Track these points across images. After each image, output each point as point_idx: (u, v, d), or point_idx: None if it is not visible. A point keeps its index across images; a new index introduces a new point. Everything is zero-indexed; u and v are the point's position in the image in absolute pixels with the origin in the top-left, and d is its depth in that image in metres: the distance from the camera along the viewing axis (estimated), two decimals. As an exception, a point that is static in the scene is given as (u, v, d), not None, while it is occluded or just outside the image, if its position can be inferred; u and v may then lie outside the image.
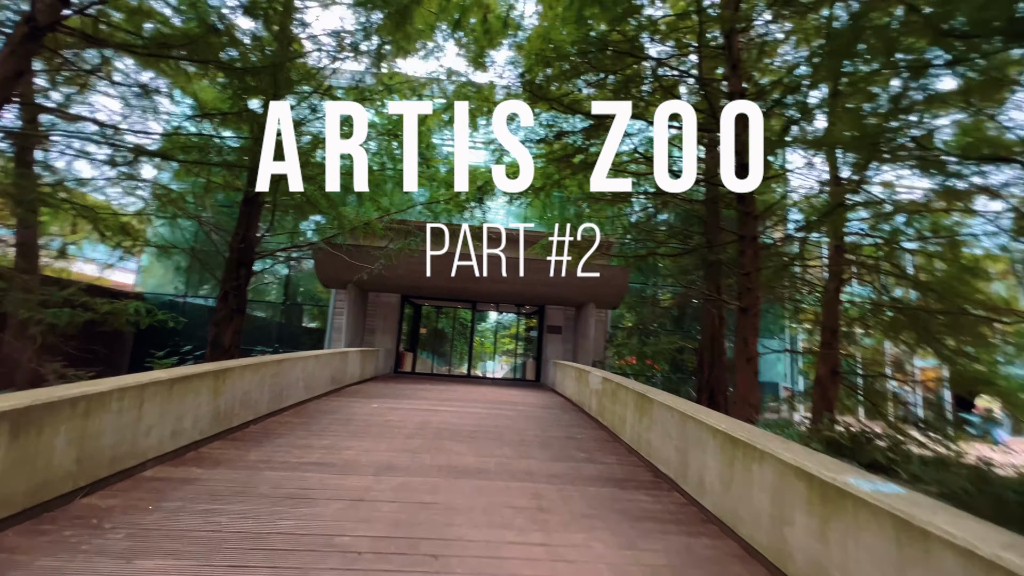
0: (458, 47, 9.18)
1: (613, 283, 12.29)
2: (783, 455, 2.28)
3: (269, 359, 5.13)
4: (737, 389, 6.97)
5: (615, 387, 5.57)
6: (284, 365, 5.51)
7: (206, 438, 3.85)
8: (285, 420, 5.08)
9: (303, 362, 6.17)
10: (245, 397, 4.53)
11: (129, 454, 2.98)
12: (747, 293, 6.95)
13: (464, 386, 10.70)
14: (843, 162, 10.10)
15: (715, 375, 9.93)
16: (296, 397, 5.95)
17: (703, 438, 3.14)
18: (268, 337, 14.27)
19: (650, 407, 4.24)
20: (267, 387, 5.04)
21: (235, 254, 9.10)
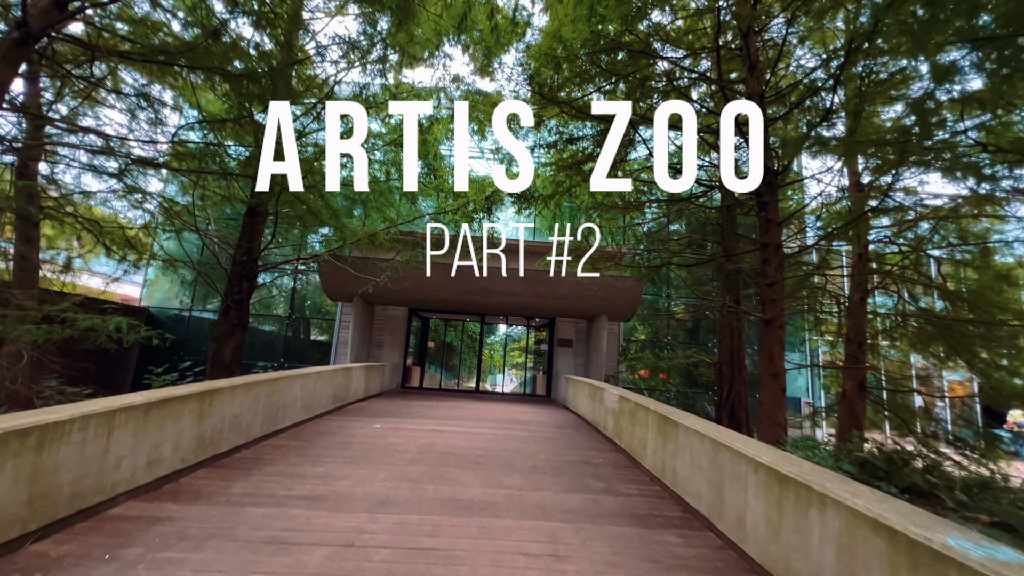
0: (464, 51, 8.95)
1: (626, 294, 11.90)
2: (851, 501, 1.89)
3: (263, 378, 4.82)
4: (763, 407, 6.51)
5: (633, 407, 5.16)
6: (280, 384, 5.19)
7: (189, 467, 3.53)
8: (280, 444, 4.74)
9: (302, 380, 5.86)
10: (235, 420, 4.21)
11: (94, 489, 2.66)
12: (771, 304, 6.53)
13: (472, 402, 10.31)
14: (864, 166, 9.71)
15: (736, 391, 9.44)
16: (294, 417, 5.63)
17: (742, 471, 2.74)
18: (273, 352, 14.03)
19: (674, 431, 3.84)
20: (261, 408, 4.72)
21: (237, 267, 8.88)
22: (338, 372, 7.44)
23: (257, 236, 9.08)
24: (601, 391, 6.90)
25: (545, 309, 12.73)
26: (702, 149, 10.42)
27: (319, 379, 6.50)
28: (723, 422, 9.46)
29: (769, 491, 2.45)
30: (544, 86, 5.87)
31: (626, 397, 5.56)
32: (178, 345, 13.71)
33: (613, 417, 6.05)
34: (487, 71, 10.30)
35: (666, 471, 3.98)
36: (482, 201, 10.63)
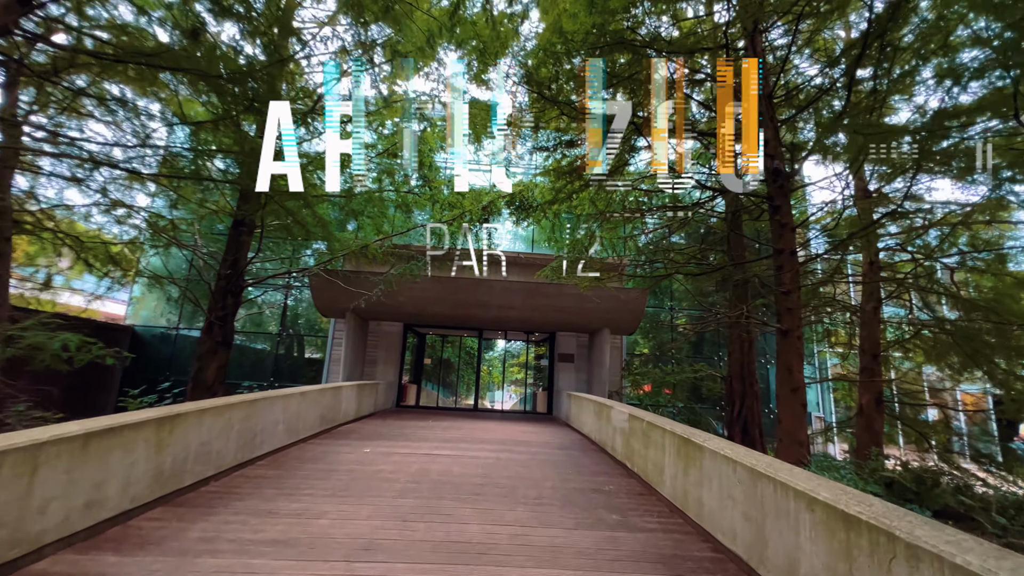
0: (458, 47, 8.66)
1: (630, 306, 11.49)
2: (960, 559, 1.45)
3: (239, 400, 4.36)
4: (782, 424, 6.05)
5: (646, 427, 4.71)
6: (259, 406, 4.72)
7: (142, 506, 3.05)
8: (255, 474, 4.26)
9: (284, 401, 5.39)
10: (203, 448, 3.73)
11: (10, 541, 2.19)
12: (787, 314, 6.13)
13: (470, 422, 9.80)
14: (873, 173, 9.43)
15: (748, 406, 8.97)
16: (275, 443, 5.14)
17: (790, 508, 2.29)
18: (263, 371, 13.51)
19: (698, 456, 3.39)
20: (235, 433, 4.24)
21: (222, 282, 8.47)
22: (326, 392, 6.96)
23: (243, 249, 8.68)
24: (608, 409, 6.44)
25: (545, 323, 12.30)
26: (704, 159, 10.16)
27: (304, 400, 6.02)
28: (735, 440, 8.97)
29: (831, 535, 2.01)
30: (543, 85, 5.55)
31: (637, 416, 5.11)
32: (164, 364, 13.19)
33: (622, 438, 5.58)
34: (482, 79, 10.04)
35: (689, 501, 3.51)
36: (479, 211, 10.27)
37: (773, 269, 6.73)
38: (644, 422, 4.77)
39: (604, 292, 11.07)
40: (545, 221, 11.71)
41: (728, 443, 3.29)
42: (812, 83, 7.15)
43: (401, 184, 10.46)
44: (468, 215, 10.01)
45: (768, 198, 6.39)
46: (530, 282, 11.27)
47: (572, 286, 11.29)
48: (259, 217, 7.82)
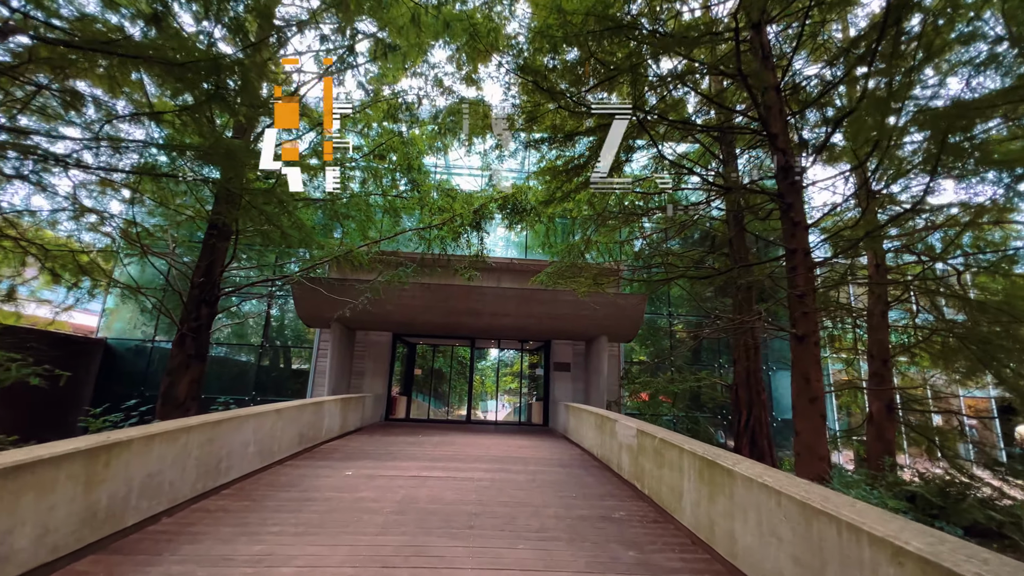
0: (446, 32, 8.24)
1: (628, 312, 11.07)
2: None
3: (199, 421, 3.82)
4: (801, 437, 5.63)
5: (659, 444, 4.24)
6: (224, 428, 4.19)
7: (65, 557, 2.52)
8: (217, 506, 3.72)
9: (256, 420, 4.85)
10: (151, 481, 3.20)
11: None
12: (803, 318, 5.73)
13: (463, 436, 9.27)
14: (877, 172, 9.16)
15: (755, 416, 8.55)
16: (244, 468, 4.60)
17: (865, 558, 1.84)
18: (244, 385, 12.85)
19: (727, 482, 2.93)
20: (193, 460, 3.71)
21: (195, 290, 7.92)
22: (306, 408, 6.41)
23: (218, 256, 8.15)
24: (612, 423, 5.97)
25: (540, 330, 11.84)
26: (705, 159, 9.84)
27: (280, 418, 5.48)
28: (743, 451, 8.53)
29: (932, 599, 1.55)
30: (539, 74, 5.14)
31: (647, 431, 4.64)
32: (139, 379, 12.50)
33: (630, 455, 5.11)
34: (472, 78, 9.66)
35: (717, 534, 3.04)
36: (470, 215, 9.83)
37: (783, 271, 6.36)
38: (656, 439, 4.30)
39: (601, 298, 10.64)
40: (539, 225, 11.31)
41: (765, 468, 2.83)
42: (821, 76, 6.84)
43: (389, 188, 10.01)
44: (459, 218, 9.56)
45: (779, 195, 6.01)
46: (524, 288, 10.82)
47: (568, 292, 10.86)
48: (233, 220, 7.30)
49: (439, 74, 9.23)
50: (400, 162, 9.64)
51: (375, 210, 10.15)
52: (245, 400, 12.52)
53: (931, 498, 6.29)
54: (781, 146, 5.75)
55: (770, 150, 6.19)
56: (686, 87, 6.33)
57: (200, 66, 4.58)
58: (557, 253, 9.79)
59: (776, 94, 6.07)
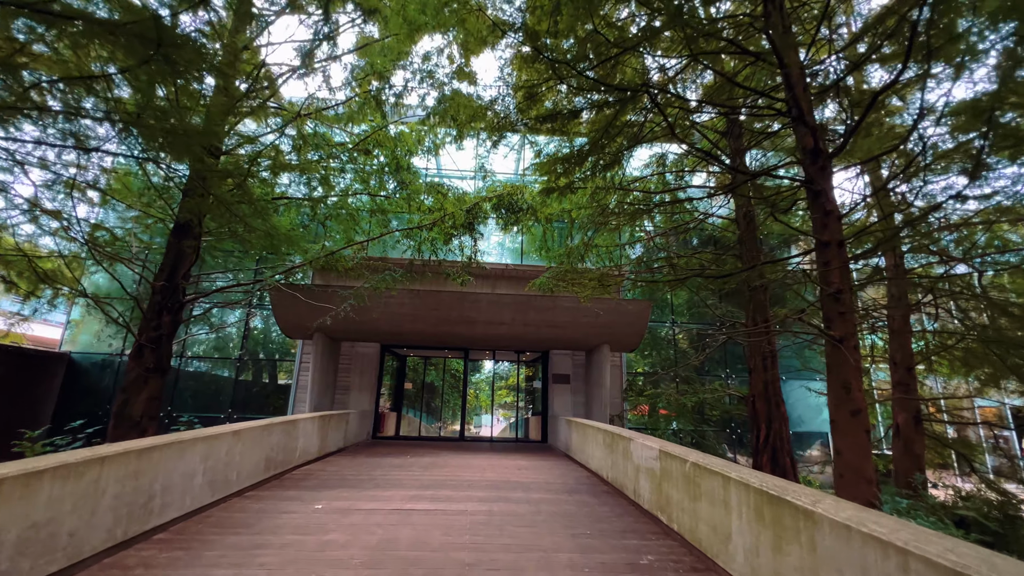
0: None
1: (630, 320, 10.37)
2: None
3: (119, 449, 3.03)
4: (843, 457, 4.89)
5: (692, 471, 3.50)
6: (158, 456, 3.39)
7: None
8: (138, 559, 2.91)
9: (207, 445, 4.04)
10: (36, 533, 2.41)
11: None
12: (839, 319, 5.04)
13: (456, 455, 8.44)
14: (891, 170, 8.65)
15: (775, 430, 7.81)
16: (187, 503, 3.78)
17: None
18: (220, 402, 11.93)
19: (807, 528, 2.20)
20: (108, 500, 2.91)
21: (157, 296, 7.12)
22: (273, 428, 5.59)
23: (184, 259, 7.35)
24: (624, 441, 5.21)
25: (538, 340, 11.09)
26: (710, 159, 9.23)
27: (239, 441, 4.67)
28: (764, 469, 7.78)
29: None
30: (540, 38, 4.47)
31: (672, 453, 3.90)
32: (105, 396, 11.55)
33: (651, 481, 4.35)
34: (465, 73, 9.02)
35: (788, 595, 2.29)
36: (462, 215, 9.13)
37: (795, 273, 5.72)
38: (688, 463, 3.55)
39: (603, 304, 9.95)
40: (536, 229, 10.64)
41: (859, 509, 2.10)
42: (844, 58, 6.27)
43: (376, 189, 9.31)
44: (450, 219, 8.85)
45: (806, 182, 5.37)
46: (521, 294, 10.11)
47: (568, 298, 10.15)
48: (194, 215, 6.54)
49: (430, 66, 8.60)
50: (388, 161, 8.97)
51: (361, 212, 9.44)
52: (220, 419, 11.59)
53: (986, 522, 5.59)
54: (811, 124, 5.12)
55: (795, 132, 5.56)
56: (702, 65, 5.71)
57: (140, 26, 3.86)
58: (555, 258, 9.10)
59: (799, 71, 5.47)
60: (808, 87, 5.53)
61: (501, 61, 5.54)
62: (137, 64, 3.74)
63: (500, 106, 5.88)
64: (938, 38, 5.18)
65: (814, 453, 12.88)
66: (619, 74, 6.01)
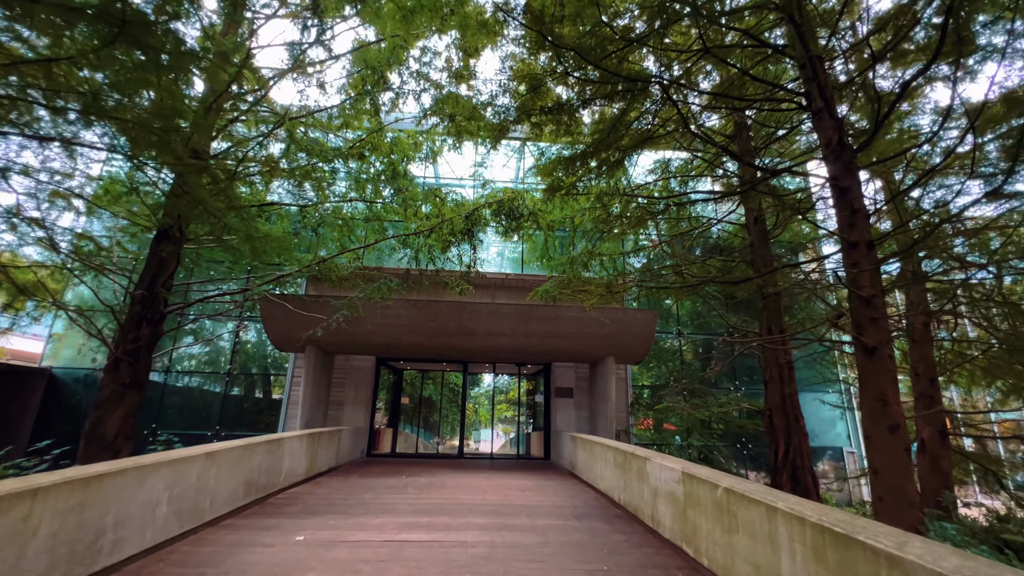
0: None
1: (636, 330, 9.95)
2: None
3: (57, 479, 2.58)
4: (881, 476, 4.45)
5: (726, 498, 3.05)
6: (110, 484, 2.94)
7: None
8: (76, 611, 2.45)
9: (172, 469, 3.58)
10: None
11: None
12: (872, 325, 4.64)
13: (455, 475, 7.93)
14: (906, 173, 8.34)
15: (795, 446, 7.34)
16: (147, 538, 3.31)
17: None
18: (208, 419, 11.41)
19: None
20: (42, 540, 2.46)
21: (136, 306, 6.70)
22: (255, 448, 5.11)
23: (166, 266, 6.95)
24: (641, 461, 4.75)
25: (540, 351, 10.64)
26: (717, 163, 8.93)
27: (214, 463, 4.20)
28: (784, 488, 7.29)
29: None
30: (545, 21, 4.14)
31: (699, 476, 3.45)
32: (87, 413, 11.01)
33: (672, 507, 3.89)
34: (463, 76, 8.72)
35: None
36: (461, 221, 8.76)
37: (845, 269, 5.32)
38: (720, 489, 3.11)
39: (607, 314, 9.54)
40: (537, 236, 10.27)
41: (965, 557, 1.66)
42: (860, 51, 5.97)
43: (373, 196, 8.96)
44: (448, 224, 8.48)
45: (832, 179, 5.01)
46: (522, 304, 9.70)
47: (570, 307, 9.74)
48: (175, 220, 6.15)
49: (426, 65, 8.31)
50: (385, 168, 8.65)
51: (355, 220, 9.08)
52: (207, 436, 11.06)
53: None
54: (837, 117, 4.78)
55: (816, 127, 5.21)
56: (715, 58, 5.38)
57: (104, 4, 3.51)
58: (557, 267, 8.71)
59: (819, 63, 5.15)
60: (827, 81, 5.21)
61: (502, 53, 5.20)
62: (101, 46, 3.38)
63: (500, 102, 5.53)
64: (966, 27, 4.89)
65: (828, 468, 12.36)
66: (624, 72, 5.70)
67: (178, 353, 12.01)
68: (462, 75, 8.47)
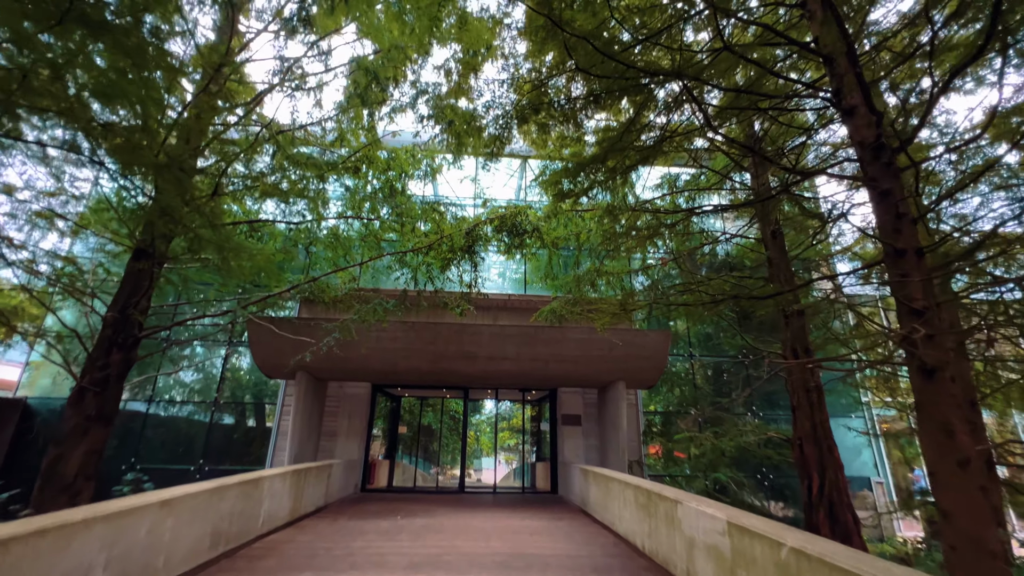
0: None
1: (648, 353, 9.35)
2: None
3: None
4: (953, 521, 3.78)
5: (792, 560, 2.43)
6: (19, 552, 2.32)
7: None
8: None
9: (110, 526, 2.96)
10: None
11: None
12: (930, 344, 4.07)
13: (456, 514, 7.21)
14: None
15: (831, 480, 6.64)
16: (75, 615, 2.68)
17: None
18: (191, 452, 10.69)
19: None
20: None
21: (107, 329, 6.15)
22: (227, 491, 4.47)
23: (144, 288, 6.42)
24: (670, 504, 4.10)
25: (546, 376, 10.01)
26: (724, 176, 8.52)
27: (171, 513, 3.57)
28: (821, 530, 6.55)
29: None
30: (549, 3, 3.72)
31: (750, 529, 2.83)
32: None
33: (714, 563, 3.25)
34: (463, 90, 8.38)
35: None
36: (461, 238, 8.28)
37: (890, 280, 4.79)
38: (784, 548, 2.49)
39: (617, 335, 8.96)
40: (540, 255, 9.78)
41: None
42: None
43: (370, 213, 8.52)
44: (448, 241, 7.99)
45: (869, 181, 4.53)
46: (526, 326, 9.12)
47: (577, 329, 9.16)
48: (151, 234, 5.66)
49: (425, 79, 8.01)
50: (383, 186, 8.25)
51: (350, 239, 8.61)
52: (189, 471, 10.32)
53: None
54: (876, 110, 4.33)
55: (849, 126, 4.76)
56: (736, 56, 4.99)
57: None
58: (562, 287, 8.18)
59: (850, 56, 4.74)
60: (861, 75, 4.79)
61: (505, 50, 4.81)
62: (47, 27, 2.94)
63: (503, 102, 5.11)
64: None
65: (857, 500, 11.54)
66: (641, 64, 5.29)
67: (166, 381, 11.38)
68: (461, 89, 8.12)
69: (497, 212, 8.53)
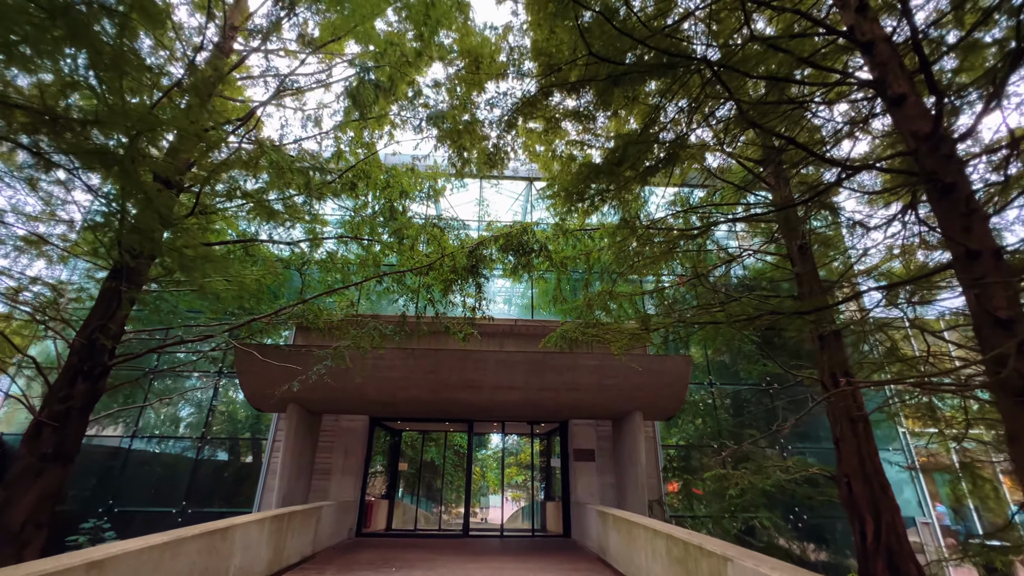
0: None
1: (667, 380, 8.62)
2: None
3: None
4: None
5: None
6: None
7: None
8: None
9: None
10: None
11: None
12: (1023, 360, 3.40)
13: (458, 565, 6.37)
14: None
15: (887, 524, 5.78)
16: None
17: None
18: (174, 493, 9.90)
19: None
20: None
21: (73, 357, 5.57)
22: (183, 545, 3.76)
23: (117, 311, 5.87)
24: (716, 562, 3.36)
25: (556, 407, 9.27)
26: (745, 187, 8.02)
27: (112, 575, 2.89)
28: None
29: None
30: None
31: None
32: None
33: (787, 646, 2.50)
34: (466, 107, 8.03)
35: None
36: (464, 258, 7.74)
37: (962, 285, 4.16)
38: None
39: (633, 361, 8.27)
40: (548, 277, 9.22)
41: None
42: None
43: (369, 233, 8.06)
44: (450, 259, 7.45)
45: (929, 175, 3.95)
46: (535, 352, 8.46)
47: (590, 355, 8.48)
48: (128, 250, 5.14)
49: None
50: (383, 208, 7.83)
51: (346, 258, 8.13)
52: (171, 514, 9.51)
53: None
54: (940, 92, 3.80)
55: (896, 117, 4.23)
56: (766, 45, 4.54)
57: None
58: (572, 311, 7.56)
59: (889, 45, 4.26)
60: (903, 64, 4.30)
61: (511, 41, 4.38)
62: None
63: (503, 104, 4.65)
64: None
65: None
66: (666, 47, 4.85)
67: (152, 414, 10.71)
68: (464, 106, 7.77)
69: (503, 231, 8.02)
